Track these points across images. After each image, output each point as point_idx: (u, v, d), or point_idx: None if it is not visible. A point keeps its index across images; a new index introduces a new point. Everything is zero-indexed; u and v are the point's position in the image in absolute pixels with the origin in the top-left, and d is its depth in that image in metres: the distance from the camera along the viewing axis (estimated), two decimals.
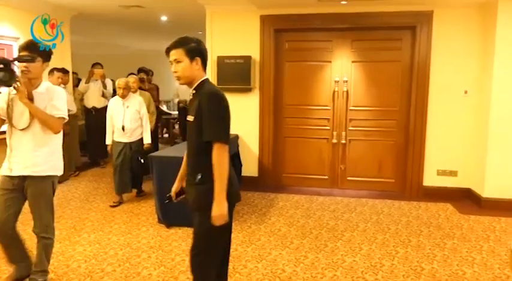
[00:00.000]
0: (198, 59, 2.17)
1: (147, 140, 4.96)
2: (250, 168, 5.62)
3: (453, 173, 5.18)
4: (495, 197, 4.72)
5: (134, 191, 5.15)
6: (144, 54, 11.68)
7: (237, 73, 5.36)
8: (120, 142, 4.83)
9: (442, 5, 4.96)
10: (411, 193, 5.28)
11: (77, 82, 7.30)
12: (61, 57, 6.34)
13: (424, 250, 3.59)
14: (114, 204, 4.81)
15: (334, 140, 5.54)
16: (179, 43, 2.23)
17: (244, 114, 5.47)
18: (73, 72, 7.38)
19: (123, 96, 4.82)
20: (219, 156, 2.05)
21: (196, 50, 2.19)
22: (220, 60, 5.41)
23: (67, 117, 2.85)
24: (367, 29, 5.29)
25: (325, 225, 4.21)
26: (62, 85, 6.02)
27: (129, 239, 3.80)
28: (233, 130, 6.10)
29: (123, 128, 4.77)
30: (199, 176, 2.12)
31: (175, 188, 2.45)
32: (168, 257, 3.42)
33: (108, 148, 4.99)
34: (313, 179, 5.65)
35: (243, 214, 4.50)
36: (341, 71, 5.44)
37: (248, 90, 5.47)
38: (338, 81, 5.45)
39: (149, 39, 10.18)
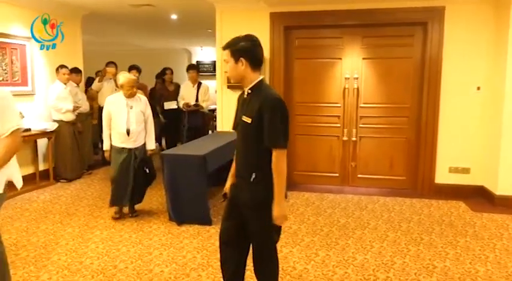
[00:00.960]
0: (243, 60, 2.19)
1: (151, 145, 4.38)
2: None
3: (466, 171, 5.13)
4: (509, 195, 4.66)
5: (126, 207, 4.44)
6: (154, 53, 11.75)
7: None
8: (124, 148, 4.16)
9: (454, 1, 4.90)
10: (423, 190, 5.24)
11: (91, 81, 7.38)
12: (72, 56, 6.42)
13: (436, 248, 3.56)
14: (116, 216, 4.29)
15: (345, 138, 5.52)
16: (228, 44, 2.28)
17: None
18: (96, 72, 7.45)
19: (131, 96, 4.18)
20: (279, 161, 2.14)
21: (241, 51, 2.21)
22: None
23: (23, 126, 2.54)
24: (378, 26, 5.25)
25: (336, 222, 4.20)
26: (75, 84, 6.10)
27: (141, 236, 3.83)
28: None
29: (127, 132, 4.13)
30: (253, 176, 2.20)
31: (228, 185, 2.48)
32: (179, 254, 3.44)
33: (106, 155, 4.31)
34: (324, 176, 5.64)
35: None
36: (351, 68, 5.41)
37: None
38: (348, 78, 5.42)
39: (159, 37, 10.23)
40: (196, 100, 6.46)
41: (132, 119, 4.15)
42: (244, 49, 2.21)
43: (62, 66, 5.73)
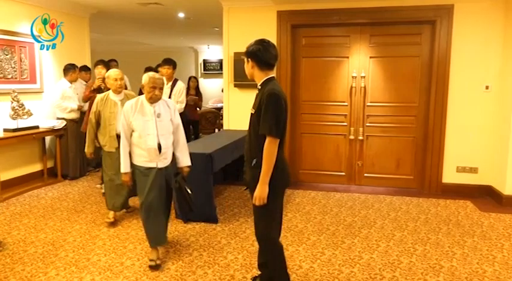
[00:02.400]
0: (250, 61, 2.49)
1: (187, 161, 3.40)
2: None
3: (473, 170, 5.09)
4: None
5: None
6: (161, 51, 11.78)
7: None
8: (151, 169, 3.18)
9: None
10: (430, 190, 5.22)
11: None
12: (81, 55, 6.46)
13: (443, 248, 3.55)
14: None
15: (352, 136, 5.50)
16: (246, 47, 2.54)
17: None
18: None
19: (155, 100, 3.18)
20: (268, 148, 2.37)
21: (249, 53, 2.50)
22: (237, 57, 5.42)
23: None
24: (385, 24, 5.22)
25: (342, 222, 4.19)
26: (84, 82, 6.13)
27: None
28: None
29: (159, 148, 3.16)
30: (254, 161, 2.46)
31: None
32: (185, 252, 3.45)
33: (126, 179, 3.27)
34: (330, 175, 5.63)
35: None
36: (359, 66, 5.39)
37: None
38: (356, 76, 5.40)
39: (166, 36, 10.26)
40: None
41: (162, 130, 3.19)
42: (252, 52, 2.48)
43: (72, 65, 5.77)
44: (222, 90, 6.07)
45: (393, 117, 5.38)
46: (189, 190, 3.33)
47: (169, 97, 5.32)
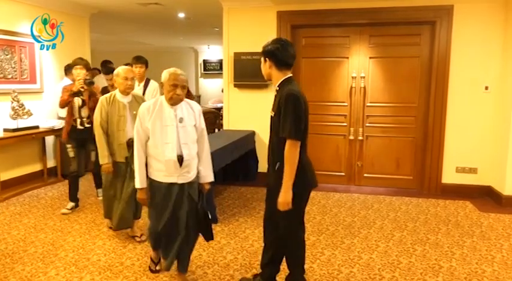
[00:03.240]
0: (268, 60, 2.47)
1: (210, 176, 2.90)
2: (267, 164, 5.62)
3: (473, 171, 5.10)
4: None
5: None
6: (161, 51, 11.79)
7: (253, 69, 5.34)
8: (171, 185, 2.68)
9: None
10: (429, 190, 5.22)
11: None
12: (81, 55, 6.46)
13: (442, 248, 3.55)
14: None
15: (351, 137, 5.51)
16: (262, 47, 2.52)
17: (261, 111, 5.47)
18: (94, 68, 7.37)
19: (177, 101, 2.67)
20: (289, 151, 2.34)
21: (266, 52, 2.48)
22: (237, 57, 5.43)
23: None
24: (385, 25, 5.23)
25: (342, 222, 4.20)
26: None
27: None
28: (250, 126, 6.09)
29: (180, 160, 2.64)
30: (278, 165, 2.44)
31: None
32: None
33: (141, 196, 2.75)
34: (330, 175, 5.63)
35: (260, 210, 4.51)
36: (358, 67, 5.40)
37: (265, 86, 5.48)
38: (355, 77, 5.41)
39: (166, 36, 10.27)
40: None
41: (185, 138, 2.68)
42: (269, 51, 2.45)
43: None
44: (222, 91, 6.07)
45: (393, 118, 5.38)
46: (209, 215, 2.82)
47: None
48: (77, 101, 4.29)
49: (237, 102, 5.67)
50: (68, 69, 5.75)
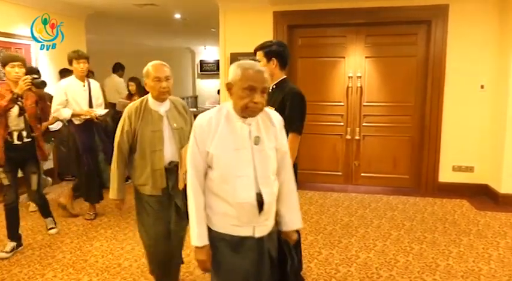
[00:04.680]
0: (274, 60, 2.62)
1: (297, 221, 2.03)
2: None
3: (469, 169, 5.12)
4: None
5: None
6: (157, 52, 11.77)
7: None
8: (244, 240, 1.81)
9: None
10: (426, 189, 5.24)
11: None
12: None
13: (439, 247, 3.57)
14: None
15: (348, 136, 5.52)
16: (261, 46, 2.67)
17: None
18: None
19: (256, 111, 1.79)
20: (293, 143, 2.51)
21: (274, 52, 2.62)
22: (234, 57, 5.43)
23: None
24: (381, 24, 5.24)
25: (339, 221, 4.21)
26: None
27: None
28: None
29: (260, 203, 1.77)
30: None
31: None
32: (183, 252, 3.45)
33: (205, 256, 1.81)
34: (327, 175, 5.64)
35: None
36: (355, 66, 5.41)
37: None
38: (352, 77, 5.42)
39: (163, 37, 10.26)
40: (90, 105, 4.26)
41: (265, 168, 1.81)
42: (277, 52, 2.63)
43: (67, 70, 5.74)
44: (218, 92, 6.07)
45: (389, 117, 5.40)
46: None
47: (90, 103, 4.26)
48: (15, 108, 3.36)
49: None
50: (62, 74, 5.72)
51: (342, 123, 5.54)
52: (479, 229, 3.99)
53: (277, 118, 1.92)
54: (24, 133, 3.43)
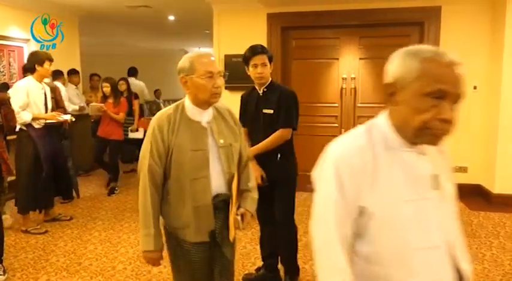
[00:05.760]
0: (271, 64, 2.78)
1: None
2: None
3: (463, 169, 5.15)
4: (506, 193, 4.69)
5: None
6: (151, 54, 11.76)
7: (244, 72, 5.30)
8: None
9: (450, 1, 4.92)
10: None
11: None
12: (70, 58, 6.43)
13: None
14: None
15: None
16: (265, 50, 2.76)
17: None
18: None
19: (439, 142, 1.12)
20: (285, 136, 2.75)
21: (272, 58, 2.80)
22: (228, 59, 5.43)
23: None
24: (374, 26, 5.27)
25: None
26: (74, 86, 6.11)
27: (139, 237, 3.83)
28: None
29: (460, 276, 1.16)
30: (279, 156, 2.77)
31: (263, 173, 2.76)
32: None
33: None
34: None
35: None
36: (349, 68, 5.43)
37: None
38: (346, 78, 5.44)
39: (157, 38, 10.24)
40: (46, 110, 4.04)
41: (448, 227, 1.15)
42: (272, 57, 2.82)
43: (59, 72, 5.73)
44: None
45: None
46: None
47: (45, 106, 4.04)
48: None
49: (228, 104, 5.61)
50: (55, 75, 5.70)
51: (336, 125, 5.55)
52: (472, 229, 4.01)
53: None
54: None
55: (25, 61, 5.63)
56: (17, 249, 3.58)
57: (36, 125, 3.95)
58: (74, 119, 4.35)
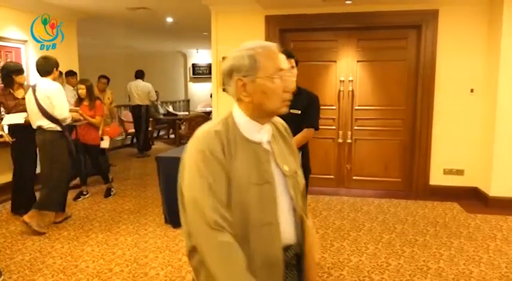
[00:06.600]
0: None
1: None
2: None
3: (460, 172, 5.16)
4: (502, 196, 4.69)
5: None
6: (150, 56, 11.75)
7: None
8: None
9: (448, 3, 4.94)
10: (417, 192, 5.27)
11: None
12: (68, 59, 6.41)
13: (430, 249, 3.59)
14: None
15: (340, 140, 5.54)
16: (293, 54, 2.96)
17: None
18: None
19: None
20: (308, 135, 3.00)
21: (298, 62, 3.01)
22: None
23: None
24: (372, 29, 5.28)
25: (331, 225, 4.22)
26: (71, 87, 6.10)
27: (137, 239, 3.83)
28: None
29: None
30: (300, 153, 2.73)
31: None
32: (175, 257, 3.44)
33: None
34: (319, 178, 5.64)
35: None
36: (346, 70, 5.44)
37: None
38: (343, 80, 5.45)
39: (155, 40, 10.24)
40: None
41: None
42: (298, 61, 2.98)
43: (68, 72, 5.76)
44: (211, 96, 6.07)
45: (381, 121, 5.43)
46: None
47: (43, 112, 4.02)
48: None
49: (226, 106, 5.67)
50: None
51: (333, 127, 5.56)
52: (469, 231, 4.02)
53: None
54: None
55: (23, 62, 5.62)
56: (13, 251, 3.56)
57: (64, 124, 4.22)
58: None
